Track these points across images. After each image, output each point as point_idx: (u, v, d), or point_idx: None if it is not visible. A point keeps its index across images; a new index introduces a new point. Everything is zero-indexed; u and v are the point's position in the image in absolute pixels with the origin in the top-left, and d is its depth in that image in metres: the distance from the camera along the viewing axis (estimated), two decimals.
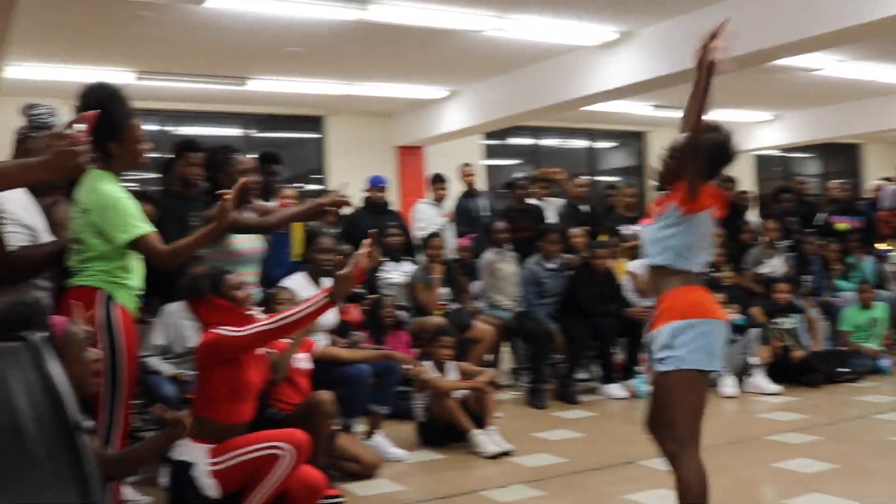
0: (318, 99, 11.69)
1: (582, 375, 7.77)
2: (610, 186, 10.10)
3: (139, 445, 3.13)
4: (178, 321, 4.90)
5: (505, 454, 5.27)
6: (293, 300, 4.60)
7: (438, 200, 8.77)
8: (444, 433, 5.53)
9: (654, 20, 8.46)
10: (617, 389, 7.15)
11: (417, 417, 5.69)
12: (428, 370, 5.62)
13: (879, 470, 4.81)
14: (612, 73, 9.22)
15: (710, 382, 3.35)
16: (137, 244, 3.34)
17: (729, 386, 7.09)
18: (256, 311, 3.70)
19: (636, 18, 8.42)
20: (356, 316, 6.58)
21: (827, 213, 10.20)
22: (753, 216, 10.20)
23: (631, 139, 15.68)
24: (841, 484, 4.51)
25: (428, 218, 8.58)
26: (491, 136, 13.81)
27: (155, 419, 4.72)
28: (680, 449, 3.24)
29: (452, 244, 8.05)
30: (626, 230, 8.71)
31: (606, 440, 5.72)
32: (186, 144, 5.36)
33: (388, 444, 5.32)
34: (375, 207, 8.22)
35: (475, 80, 10.95)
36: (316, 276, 5.43)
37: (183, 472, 3.45)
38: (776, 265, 8.46)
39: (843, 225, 9.77)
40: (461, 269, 7.69)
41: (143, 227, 3.36)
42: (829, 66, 10.46)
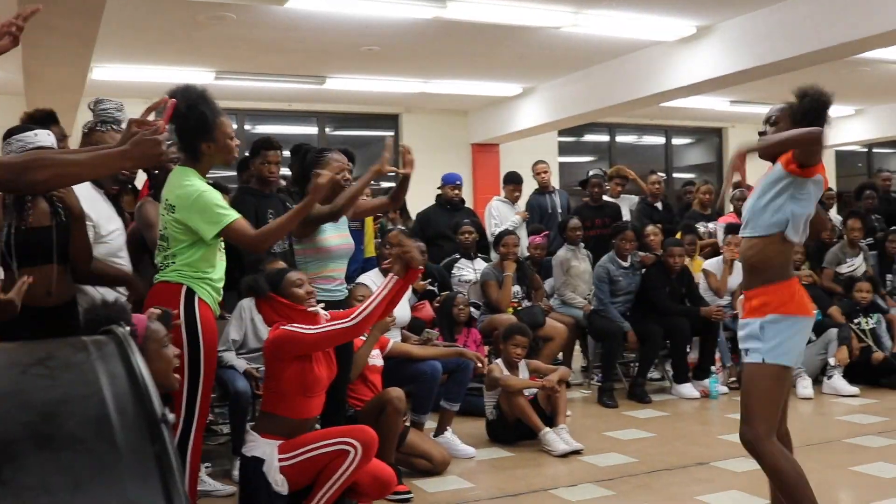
0: (394, 97, 11.79)
1: (654, 375, 7.72)
2: (687, 183, 9.98)
3: None
4: (252, 316, 5.00)
5: (575, 453, 5.27)
6: (369, 296, 4.66)
7: (513, 201, 8.78)
8: (513, 431, 5.56)
9: (732, 14, 8.32)
10: (689, 389, 7.07)
11: (488, 415, 5.72)
12: (499, 368, 5.65)
13: None
14: (689, 68, 9.10)
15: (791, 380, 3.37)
16: (227, 231, 3.40)
17: (806, 387, 6.96)
18: (319, 308, 3.73)
19: (714, 13, 8.30)
20: (429, 313, 6.65)
21: None
22: (834, 213, 9.97)
23: (708, 135, 15.41)
24: None
25: (502, 215, 8.60)
26: (566, 133, 13.73)
27: (230, 413, 4.84)
28: (755, 439, 3.30)
29: (525, 242, 8.05)
30: (702, 228, 8.61)
31: (678, 440, 5.68)
32: (264, 142, 5.47)
33: (457, 441, 5.36)
34: (449, 205, 8.27)
35: (551, 76, 10.91)
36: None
37: (253, 467, 3.52)
38: (857, 264, 8.26)
39: None
40: (534, 266, 7.70)
41: (230, 214, 3.42)
42: None
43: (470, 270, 7.46)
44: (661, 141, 15.12)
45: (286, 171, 6.49)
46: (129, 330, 1.44)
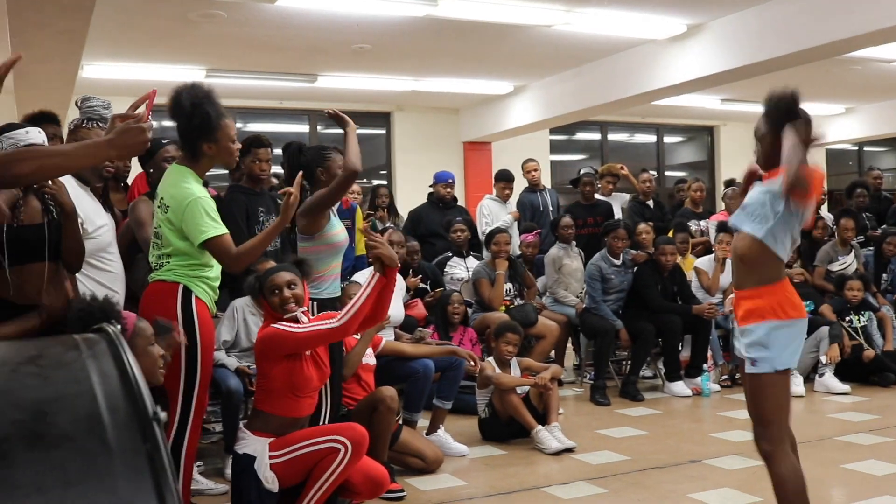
0: (385, 95, 11.77)
1: (646, 373, 7.73)
2: (679, 181, 9.99)
3: None
4: (244, 316, 4.99)
5: (567, 451, 5.28)
6: None
7: (504, 199, 8.78)
8: (506, 429, 5.56)
9: (722, 12, 8.34)
10: (681, 387, 7.09)
11: (480, 413, 5.72)
12: (491, 366, 5.65)
13: None
14: (680, 66, 9.11)
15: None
16: (209, 244, 3.39)
17: (797, 385, 6.97)
18: (299, 312, 3.68)
19: (705, 11, 8.31)
20: (421, 311, 6.64)
21: None
22: (825, 211, 9.99)
23: (699, 133, 15.44)
24: None
25: (493, 214, 8.59)
26: (557, 131, 13.74)
27: (222, 411, 4.83)
28: (773, 448, 3.30)
29: (517, 240, 8.05)
30: (694, 226, 8.62)
31: (670, 438, 5.69)
32: (255, 140, 5.45)
33: (450, 439, 5.35)
34: (441, 203, 8.27)
35: (543, 74, 10.91)
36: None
37: (245, 464, 3.51)
38: (849, 262, 8.28)
39: None
40: (526, 264, 7.70)
41: (217, 228, 3.40)
42: None
43: (462, 269, 7.46)
44: (652, 139, 15.15)
45: (279, 169, 6.47)
46: (119, 328, 1.43)
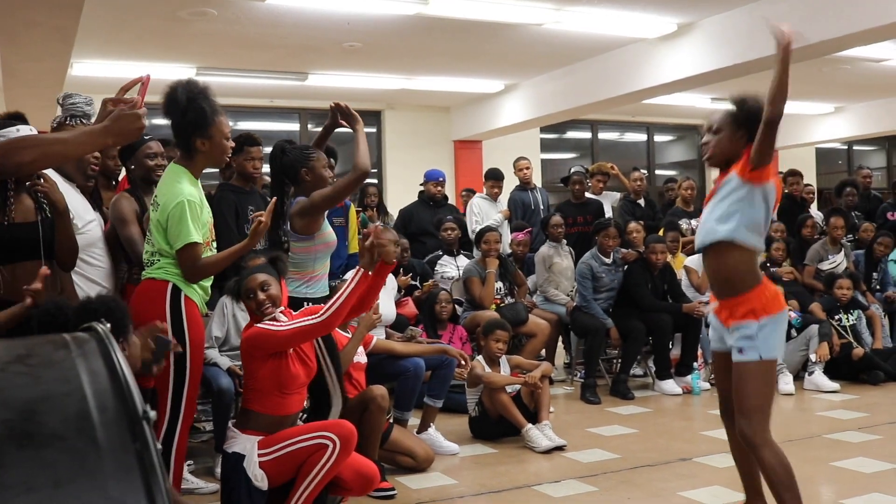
0: (376, 93, 11.77)
1: (637, 371, 7.74)
2: (669, 180, 10.02)
3: None
4: (234, 313, 4.98)
5: (558, 449, 5.28)
6: None
7: (493, 198, 8.77)
8: (496, 427, 5.56)
9: (712, 11, 8.36)
10: (671, 385, 7.10)
11: (471, 412, 5.72)
12: (481, 365, 5.65)
13: None
14: (670, 65, 9.13)
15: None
16: (183, 249, 3.39)
17: (787, 383, 7.00)
18: (278, 311, 3.67)
19: (695, 10, 8.33)
20: (412, 310, 6.65)
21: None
22: (815, 210, 10.03)
23: (689, 132, 15.49)
24: None
25: (483, 212, 8.59)
26: (548, 129, 13.76)
27: (213, 410, 4.82)
28: (758, 437, 3.35)
29: (508, 238, 8.06)
30: (684, 224, 8.64)
31: (660, 436, 5.70)
32: (246, 138, 5.42)
33: (441, 437, 5.35)
34: (432, 201, 8.27)
35: (533, 73, 10.93)
36: None
37: (234, 463, 3.50)
38: (838, 261, 8.31)
39: None
40: (517, 263, 7.71)
41: (192, 236, 3.38)
42: None
43: (453, 267, 7.46)
44: (642, 138, 15.20)
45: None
46: (109, 326, 1.42)
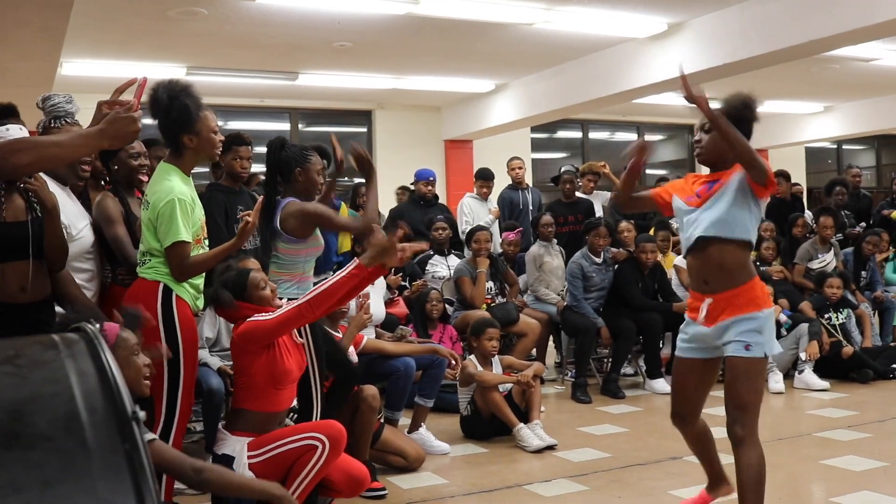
0: (366, 93, 11.76)
1: (627, 370, 7.75)
2: (660, 180, 10.04)
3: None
4: None
5: (549, 448, 5.28)
6: None
7: (483, 198, 8.77)
8: (487, 427, 5.56)
9: (703, 11, 8.38)
10: (662, 384, 7.10)
11: (462, 411, 5.72)
12: (473, 364, 5.65)
13: None
14: (660, 65, 9.15)
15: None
16: (172, 247, 3.39)
17: (777, 382, 7.02)
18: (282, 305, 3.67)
19: (685, 10, 8.35)
20: (403, 310, 6.64)
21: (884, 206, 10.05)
22: (803, 209, 10.07)
23: (680, 132, 15.53)
24: (891, 482, 4.46)
25: (474, 212, 8.59)
26: (538, 129, 13.77)
27: (203, 411, 4.81)
28: (747, 434, 3.33)
29: (498, 238, 8.06)
30: (675, 224, 8.65)
31: (651, 435, 5.70)
32: (235, 138, 5.40)
33: (431, 437, 5.35)
34: (422, 201, 8.27)
35: (524, 73, 10.93)
36: None
37: (224, 465, 3.47)
38: (828, 260, 8.34)
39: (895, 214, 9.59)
40: (508, 263, 7.71)
41: (181, 234, 3.38)
42: (885, 55, 10.24)
43: (443, 267, 7.46)
44: (633, 137, 15.20)
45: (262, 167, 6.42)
46: (98, 327, 1.42)
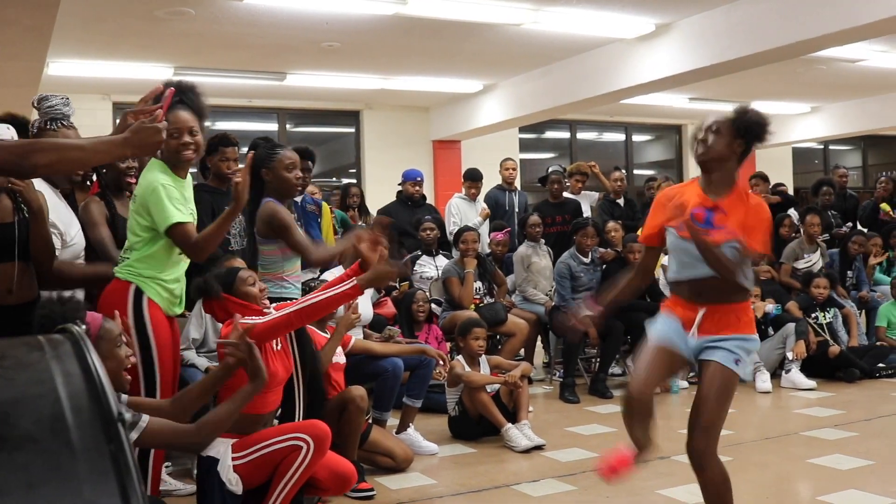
0: (354, 93, 11.75)
1: (615, 370, 7.76)
2: (649, 179, 10.07)
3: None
4: None
5: (537, 448, 5.29)
6: None
7: (472, 198, 8.77)
8: (475, 427, 5.56)
9: (690, 12, 8.41)
10: None
11: (450, 411, 5.72)
12: (461, 364, 5.65)
13: None
14: (648, 65, 9.18)
15: None
16: (172, 232, 3.36)
17: (764, 381, 7.05)
18: (269, 306, 3.67)
19: (673, 10, 8.37)
20: (390, 310, 6.63)
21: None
22: (791, 209, 10.10)
23: (667, 132, 15.58)
24: (877, 480, 4.48)
25: (462, 213, 8.59)
26: (527, 129, 13.78)
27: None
28: (712, 451, 3.30)
29: (486, 238, 8.06)
30: None
31: None
32: (221, 139, 5.39)
33: (420, 437, 5.35)
34: (410, 201, 8.26)
35: (512, 73, 10.94)
36: None
37: (208, 467, 3.46)
38: (815, 259, 8.38)
39: (886, 207, 9.62)
40: (496, 263, 7.71)
41: (180, 215, 3.36)
42: (871, 56, 10.30)
43: (432, 267, 7.46)
44: (621, 138, 15.25)
45: None
46: (83, 328, 1.41)
